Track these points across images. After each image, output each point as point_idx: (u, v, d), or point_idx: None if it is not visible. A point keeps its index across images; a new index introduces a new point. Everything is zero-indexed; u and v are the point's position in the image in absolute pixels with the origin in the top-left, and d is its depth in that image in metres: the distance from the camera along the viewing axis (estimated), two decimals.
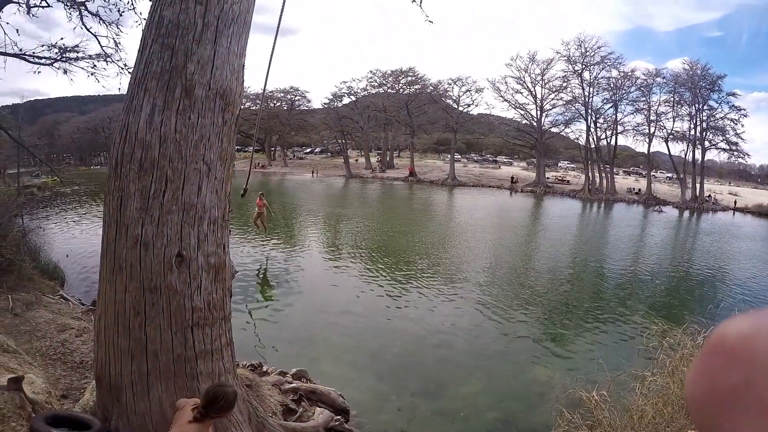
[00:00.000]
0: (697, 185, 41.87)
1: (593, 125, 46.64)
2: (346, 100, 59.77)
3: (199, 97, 3.54)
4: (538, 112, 48.79)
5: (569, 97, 47.69)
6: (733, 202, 41.44)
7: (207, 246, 3.66)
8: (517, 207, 34.75)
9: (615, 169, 48.80)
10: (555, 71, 47.92)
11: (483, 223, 23.93)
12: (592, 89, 46.03)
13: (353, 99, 59.18)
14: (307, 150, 79.95)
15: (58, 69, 12.69)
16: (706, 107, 42.24)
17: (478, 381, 6.99)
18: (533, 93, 48.51)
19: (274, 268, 13.06)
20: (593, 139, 46.99)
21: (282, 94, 62.96)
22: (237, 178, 4.58)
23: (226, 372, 3.88)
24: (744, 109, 42.79)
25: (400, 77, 57.52)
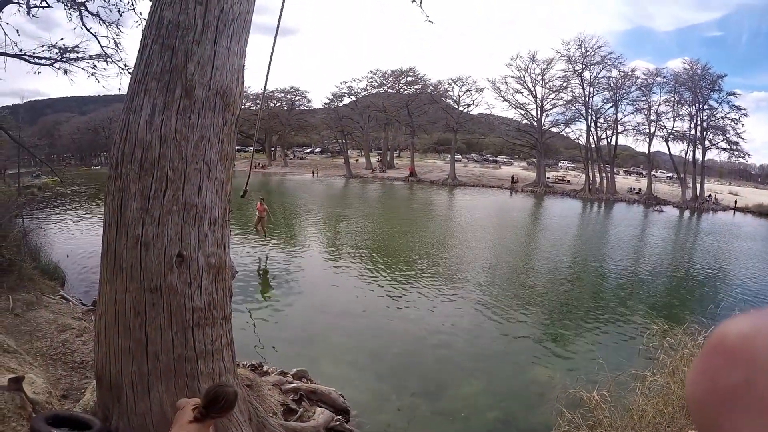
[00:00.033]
0: (698, 185, 41.86)
1: (593, 125, 46.68)
2: (347, 100, 59.87)
3: (199, 98, 3.54)
4: (539, 112, 48.81)
5: (569, 97, 47.77)
6: (733, 202, 41.42)
7: (207, 246, 3.66)
8: (517, 207, 34.74)
9: (615, 169, 48.80)
10: (555, 71, 48.08)
11: (483, 223, 23.93)
12: (592, 89, 46.09)
13: (353, 99, 59.23)
14: (308, 150, 80.00)
15: (58, 69, 12.70)
16: (706, 107, 42.29)
17: (479, 381, 6.99)
18: (533, 93, 48.57)
19: (274, 268, 13.07)
20: (593, 138, 47.03)
21: (282, 94, 63.00)
22: (237, 178, 4.58)
23: (227, 372, 3.88)
24: (744, 108, 42.82)
25: (401, 77, 57.55)
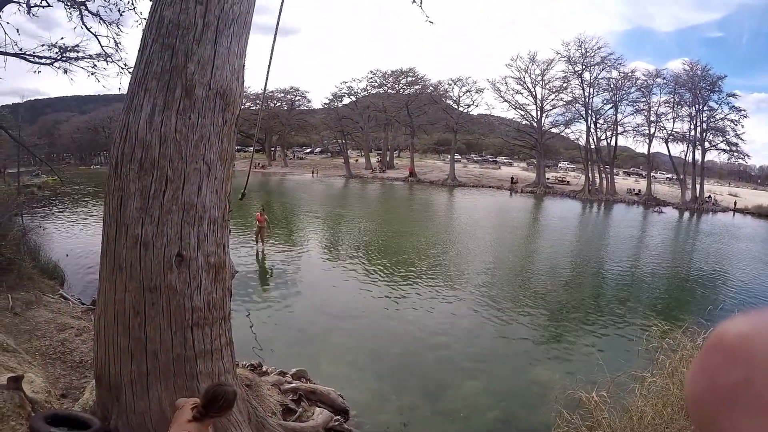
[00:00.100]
0: (697, 186, 41.86)
1: (593, 126, 46.68)
2: (347, 101, 59.83)
3: (199, 97, 3.55)
4: (538, 113, 48.81)
5: (569, 98, 47.73)
6: (733, 203, 41.41)
7: (207, 246, 3.66)
8: (517, 207, 34.75)
9: (615, 170, 48.78)
10: (555, 72, 47.97)
11: (483, 224, 23.93)
12: (592, 90, 46.07)
13: (353, 99, 59.20)
14: (307, 150, 79.99)
15: (58, 69, 12.72)
16: (706, 108, 42.27)
17: (478, 381, 6.99)
18: (533, 93, 48.55)
19: (274, 268, 13.07)
20: (593, 139, 47.04)
21: (282, 94, 62.97)
22: (237, 178, 4.58)
23: (226, 372, 3.88)
24: (744, 109, 42.92)
25: (401, 77, 57.56)
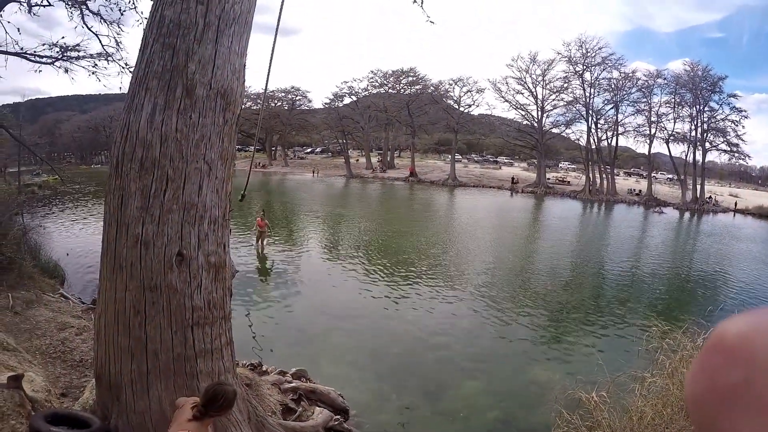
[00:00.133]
0: (698, 186, 41.83)
1: (594, 126, 46.66)
2: (347, 100, 59.83)
3: (200, 97, 3.55)
4: (539, 113, 48.79)
5: (570, 98, 47.75)
6: (733, 204, 41.37)
7: (207, 245, 3.66)
8: (517, 207, 34.74)
9: (615, 170, 48.75)
10: (556, 72, 48.05)
11: (483, 224, 23.92)
12: (593, 90, 46.08)
13: (354, 99, 59.20)
14: (308, 150, 79.96)
15: (59, 68, 12.72)
16: (707, 108, 42.26)
17: (478, 381, 6.99)
18: (534, 94, 48.54)
19: (274, 267, 13.07)
20: (594, 139, 47.03)
21: (283, 94, 62.96)
22: (237, 177, 4.58)
23: (226, 371, 3.88)
24: (745, 110, 42.98)
25: (401, 77, 57.55)
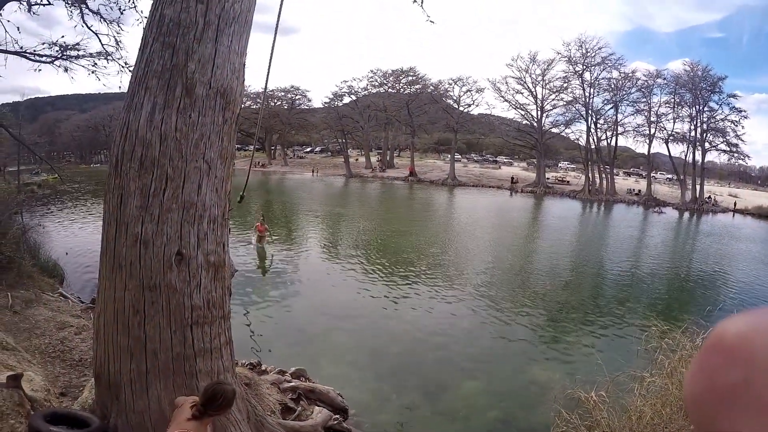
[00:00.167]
0: (697, 187, 41.84)
1: (593, 126, 46.66)
2: (347, 100, 59.76)
3: (199, 96, 3.54)
4: (539, 113, 48.79)
5: (570, 98, 47.72)
6: (733, 204, 41.39)
7: (207, 244, 3.66)
8: (517, 207, 34.75)
9: (615, 170, 48.78)
10: (556, 72, 47.98)
11: (483, 224, 23.93)
12: (592, 90, 46.07)
13: (354, 98, 59.12)
14: (308, 149, 79.88)
15: (58, 67, 12.72)
16: (706, 108, 42.26)
17: (478, 381, 6.99)
18: (534, 93, 48.53)
19: (273, 267, 13.07)
20: (593, 139, 47.02)
21: (283, 93, 62.94)
22: (237, 176, 4.58)
23: (225, 370, 3.88)
24: (744, 110, 43.00)
25: (401, 77, 57.51)
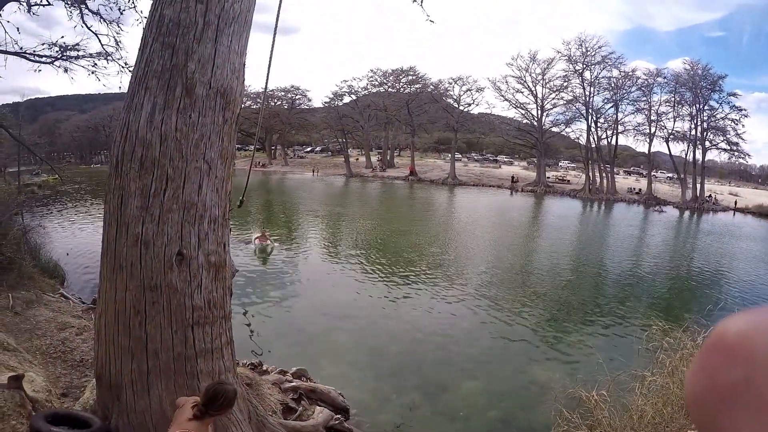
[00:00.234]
0: (698, 185, 41.82)
1: (594, 125, 46.67)
2: (347, 99, 59.76)
3: (199, 96, 3.54)
4: (539, 112, 48.77)
5: (570, 97, 47.75)
6: (733, 203, 41.39)
7: (207, 245, 3.66)
8: (517, 206, 34.73)
9: (615, 169, 48.77)
10: (556, 71, 48.03)
11: (483, 223, 23.93)
12: (592, 89, 46.06)
13: (354, 98, 59.12)
14: (308, 149, 79.87)
15: (58, 67, 12.70)
16: (706, 107, 42.25)
17: (478, 381, 6.99)
18: (534, 92, 48.53)
19: (274, 267, 13.07)
20: (594, 138, 47.02)
21: (283, 93, 62.95)
22: (237, 176, 4.57)
23: (226, 370, 3.88)
24: (745, 109, 42.88)
25: (401, 76, 57.52)
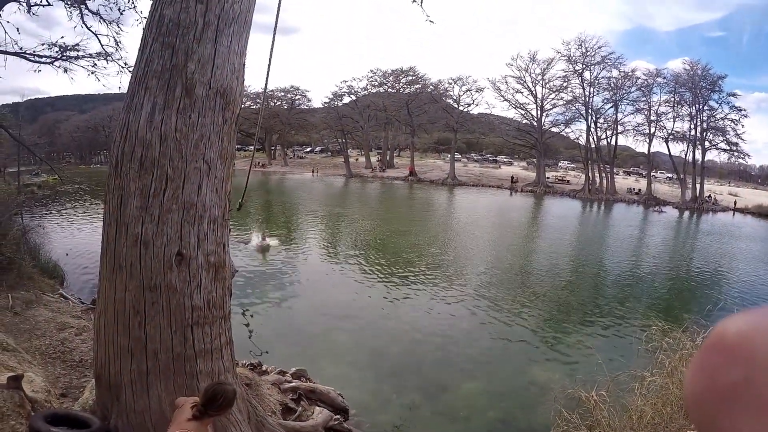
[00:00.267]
0: (698, 186, 41.83)
1: (593, 125, 46.66)
2: (347, 100, 59.74)
3: (199, 96, 3.54)
4: (539, 112, 48.77)
5: (570, 97, 47.72)
6: (733, 203, 41.39)
7: (207, 245, 3.66)
8: (517, 207, 34.74)
9: (615, 169, 48.77)
10: (555, 71, 47.98)
11: (483, 223, 23.93)
12: (592, 89, 46.06)
13: (354, 98, 59.09)
14: (308, 149, 79.85)
15: (58, 68, 12.70)
16: (706, 107, 42.25)
17: (478, 381, 6.99)
18: (534, 93, 48.53)
19: (274, 267, 13.06)
20: (593, 139, 47.02)
21: (282, 93, 62.91)
22: (237, 177, 4.57)
23: (226, 371, 3.88)
24: (744, 109, 42.90)
25: (401, 77, 57.52)
